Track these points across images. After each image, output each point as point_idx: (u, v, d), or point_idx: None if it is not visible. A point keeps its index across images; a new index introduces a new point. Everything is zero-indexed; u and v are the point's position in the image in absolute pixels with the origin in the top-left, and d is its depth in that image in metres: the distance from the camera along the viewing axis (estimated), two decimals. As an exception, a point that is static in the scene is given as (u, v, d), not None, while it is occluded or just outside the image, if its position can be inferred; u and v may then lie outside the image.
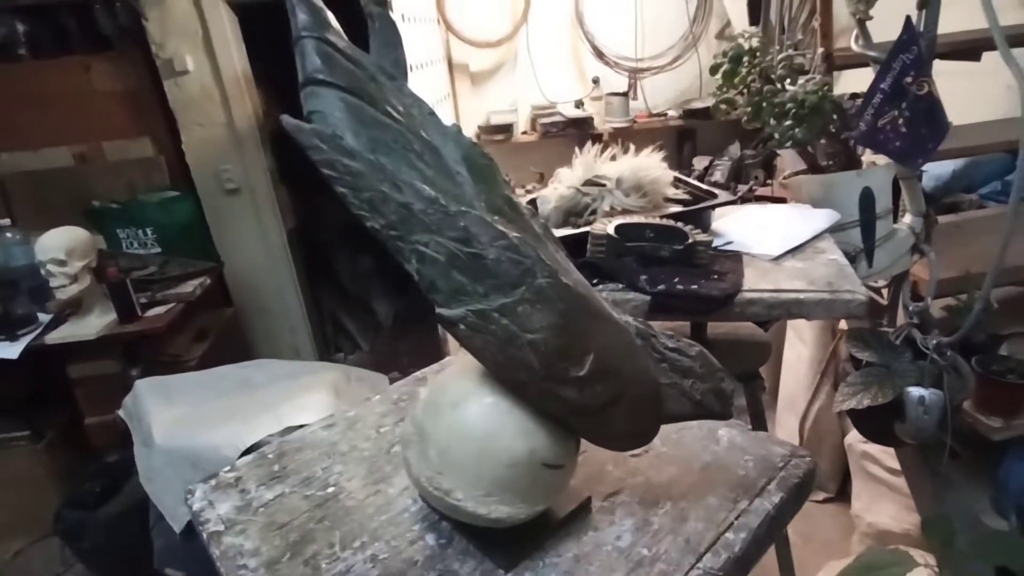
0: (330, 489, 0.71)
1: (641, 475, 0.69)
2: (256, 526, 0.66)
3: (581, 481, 0.65)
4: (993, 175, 2.15)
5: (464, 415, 0.54)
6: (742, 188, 3.08)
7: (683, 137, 3.31)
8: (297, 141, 0.47)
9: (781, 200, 2.75)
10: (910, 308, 1.32)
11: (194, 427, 2.03)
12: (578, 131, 2.96)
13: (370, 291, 3.96)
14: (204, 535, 0.66)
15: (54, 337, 2.20)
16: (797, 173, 1.40)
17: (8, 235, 2.32)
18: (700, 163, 3.23)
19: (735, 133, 3.09)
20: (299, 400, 2.07)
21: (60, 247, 2.15)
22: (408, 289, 4.24)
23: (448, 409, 0.55)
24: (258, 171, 2.92)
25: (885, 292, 1.54)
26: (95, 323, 2.25)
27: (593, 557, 0.58)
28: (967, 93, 1.70)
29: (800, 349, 2.30)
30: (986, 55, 1.65)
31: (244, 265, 3.01)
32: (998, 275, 1.15)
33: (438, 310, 0.48)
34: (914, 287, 1.45)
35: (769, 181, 3.02)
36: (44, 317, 2.30)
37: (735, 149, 3.18)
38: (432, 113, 0.55)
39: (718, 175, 3.12)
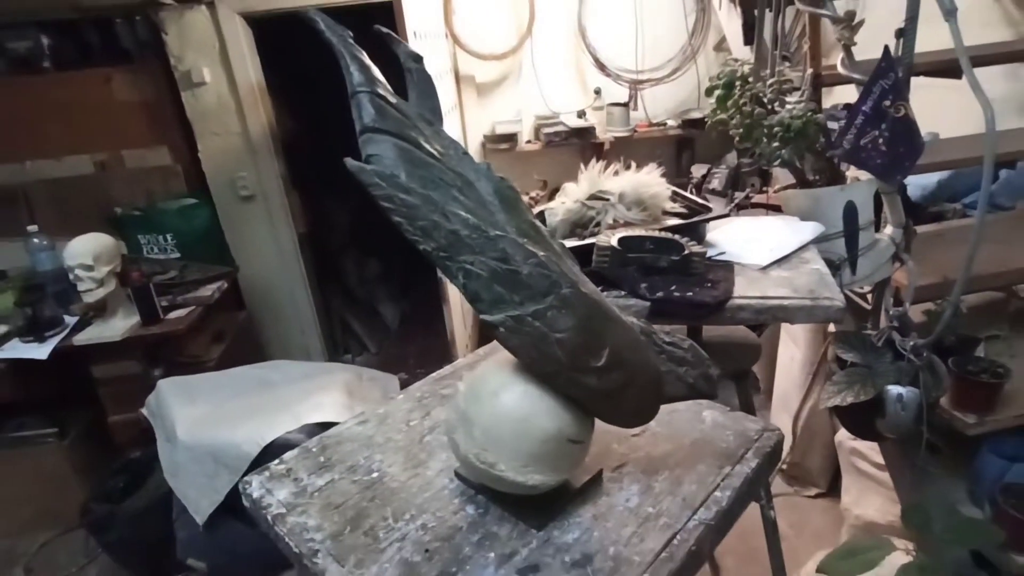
0: (374, 474, 0.81)
1: (642, 451, 0.82)
2: (315, 507, 0.76)
3: (593, 457, 0.76)
4: (977, 185, 2.25)
5: (503, 401, 0.65)
6: (739, 195, 3.19)
7: (682, 146, 3.42)
8: (359, 180, 0.57)
9: (776, 207, 2.86)
10: (891, 312, 1.43)
11: (216, 424, 2.13)
12: (580, 140, 3.07)
13: (377, 295, 4.06)
14: (268, 518, 0.75)
15: (81, 338, 2.30)
16: (787, 187, 1.51)
17: (35, 241, 2.43)
18: (698, 171, 3.34)
19: (732, 142, 3.18)
20: (315, 399, 2.18)
21: (88, 252, 2.26)
22: (413, 293, 4.35)
23: (489, 397, 0.66)
24: (271, 178, 3.03)
25: (869, 297, 1.64)
26: (119, 325, 2.36)
27: (608, 516, 0.70)
28: (956, 105, 1.80)
29: (793, 351, 2.40)
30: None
31: (257, 269, 3.12)
32: (968, 281, 1.25)
33: (482, 316, 0.59)
34: (895, 292, 1.55)
35: (765, 188, 3.13)
36: (69, 319, 2.40)
37: (732, 158, 3.28)
38: (466, 153, 0.66)
39: (716, 183, 3.23)
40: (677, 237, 1.18)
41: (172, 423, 2.13)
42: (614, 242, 1.15)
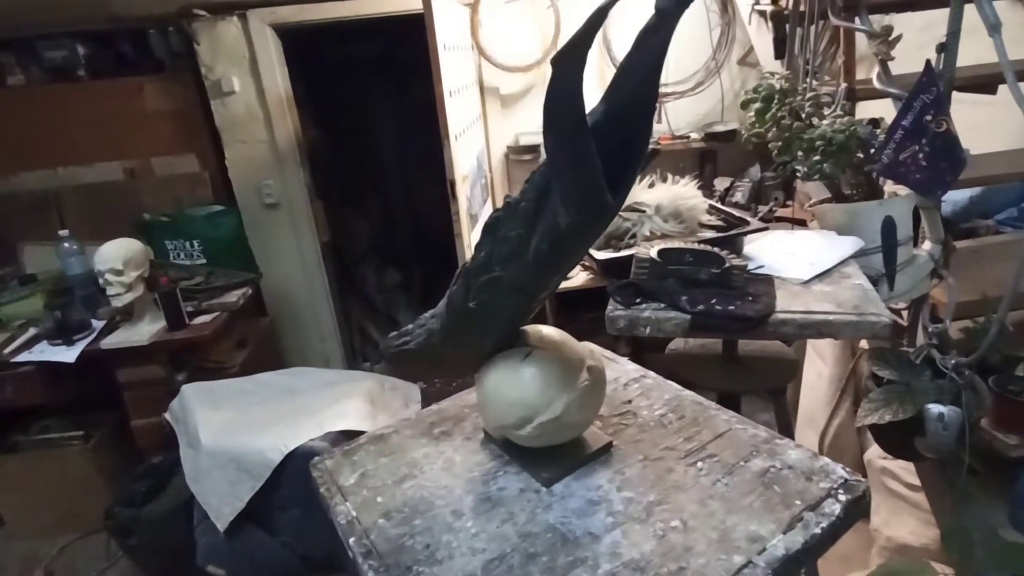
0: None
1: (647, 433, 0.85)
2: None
3: (610, 432, 0.82)
4: (1010, 201, 2.23)
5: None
6: (762, 209, 3.17)
7: (705, 159, 3.40)
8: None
9: (800, 221, 2.84)
10: (929, 329, 1.40)
11: (239, 431, 2.13)
12: (604, 153, 3.07)
13: (396, 304, 4.07)
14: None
15: (108, 342, 2.33)
16: (823, 201, 1.49)
17: (66, 245, 2.46)
18: (721, 184, 3.32)
19: (755, 155, 3.18)
20: (339, 406, 2.17)
21: (118, 257, 2.28)
22: (431, 303, 4.36)
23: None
24: (296, 187, 3.06)
25: (905, 314, 1.62)
26: (146, 330, 2.38)
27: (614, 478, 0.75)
28: (986, 121, 1.79)
29: (820, 367, 2.37)
30: (1004, 87, 1.74)
31: (280, 276, 3.14)
32: (1014, 299, 1.22)
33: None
34: (933, 309, 1.53)
35: (789, 202, 3.11)
36: (97, 323, 2.43)
37: (755, 171, 3.27)
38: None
39: (739, 196, 3.21)
40: (717, 250, 1.17)
41: (195, 428, 2.14)
42: (654, 254, 1.14)
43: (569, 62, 0.50)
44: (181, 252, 2.78)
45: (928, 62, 1.30)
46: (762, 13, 2.02)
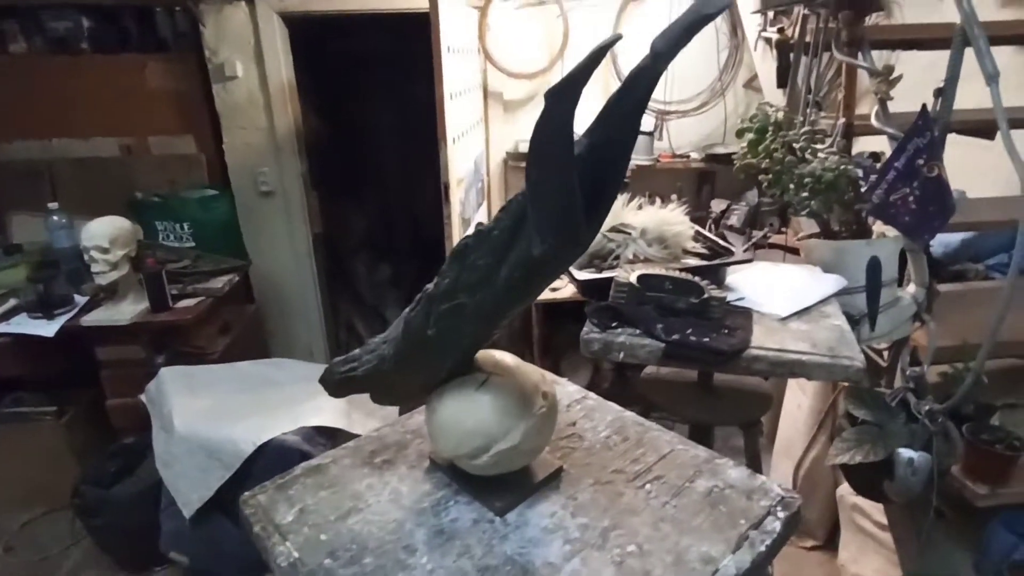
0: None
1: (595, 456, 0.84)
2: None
3: (558, 456, 0.79)
4: (1000, 247, 2.22)
5: (440, 413, 0.76)
6: (757, 234, 3.17)
7: (703, 179, 3.40)
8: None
9: (794, 250, 2.83)
10: (907, 372, 1.40)
11: (214, 418, 2.12)
12: (603, 165, 3.06)
13: (385, 300, 4.06)
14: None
15: (89, 319, 2.31)
16: (811, 236, 1.49)
17: (55, 218, 2.44)
18: (718, 206, 3.32)
19: (753, 180, 3.18)
20: (315, 401, 2.16)
21: (105, 235, 2.26)
22: (422, 300, 4.34)
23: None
24: (292, 176, 3.04)
25: (886, 354, 1.61)
26: (128, 309, 2.36)
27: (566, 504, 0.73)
28: (984, 166, 1.78)
29: (800, 398, 2.37)
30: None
31: (270, 265, 3.12)
32: (992, 348, 1.22)
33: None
34: (913, 352, 1.52)
35: (783, 229, 3.10)
36: (79, 299, 2.41)
37: (752, 196, 3.26)
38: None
39: (734, 219, 3.21)
40: (697, 279, 1.16)
41: (170, 412, 2.12)
42: (633, 279, 1.13)
43: (563, 97, 0.49)
44: (171, 234, 2.76)
45: (924, 106, 1.29)
46: (768, 40, 2.02)
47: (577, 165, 0.50)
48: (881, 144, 1.63)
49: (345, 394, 0.83)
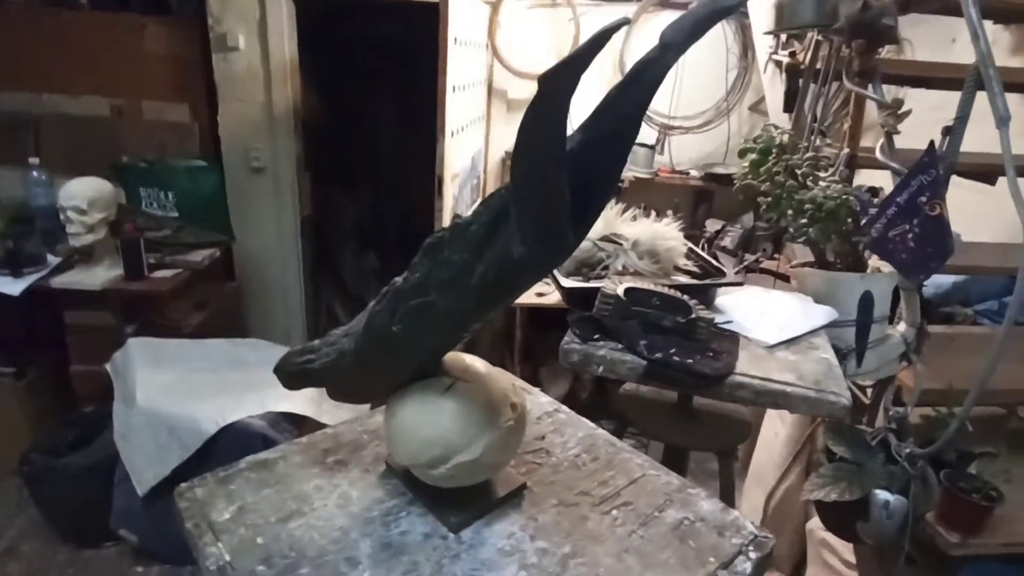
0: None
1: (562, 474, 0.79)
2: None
3: (523, 472, 0.75)
4: (991, 293, 2.21)
5: (399, 418, 0.71)
6: (749, 257, 3.14)
7: (700, 197, 3.38)
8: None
9: (784, 277, 2.81)
10: (890, 412, 1.37)
11: (178, 395, 2.05)
12: (601, 174, 3.03)
13: (369, 290, 3.99)
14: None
15: (59, 281, 2.23)
16: (804, 264, 1.45)
17: (34, 174, 2.36)
18: (713, 226, 3.30)
19: (750, 203, 3.15)
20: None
21: (84, 196, 2.20)
22: (407, 293, 4.28)
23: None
24: (286, 155, 2.98)
25: (869, 391, 1.58)
26: (101, 275, 2.29)
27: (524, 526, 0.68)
28: (981, 210, 1.77)
29: (778, 427, 2.34)
30: (1003, 179, 1.72)
31: (254, 243, 3.05)
32: (978, 397, 1.19)
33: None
34: (897, 392, 1.49)
35: (776, 255, 3.08)
36: (52, 260, 2.33)
37: (748, 218, 3.24)
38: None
39: (728, 241, 3.19)
40: (686, 298, 1.12)
41: (133, 384, 2.05)
42: (620, 292, 1.09)
43: (558, 83, 0.44)
44: (154, 202, 2.68)
45: (932, 143, 1.26)
46: (778, 63, 2.00)
47: (568, 162, 0.45)
48: (881, 179, 1.61)
49: (300, 387, 0.78)
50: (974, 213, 1.77)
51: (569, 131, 0.50)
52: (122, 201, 2.57)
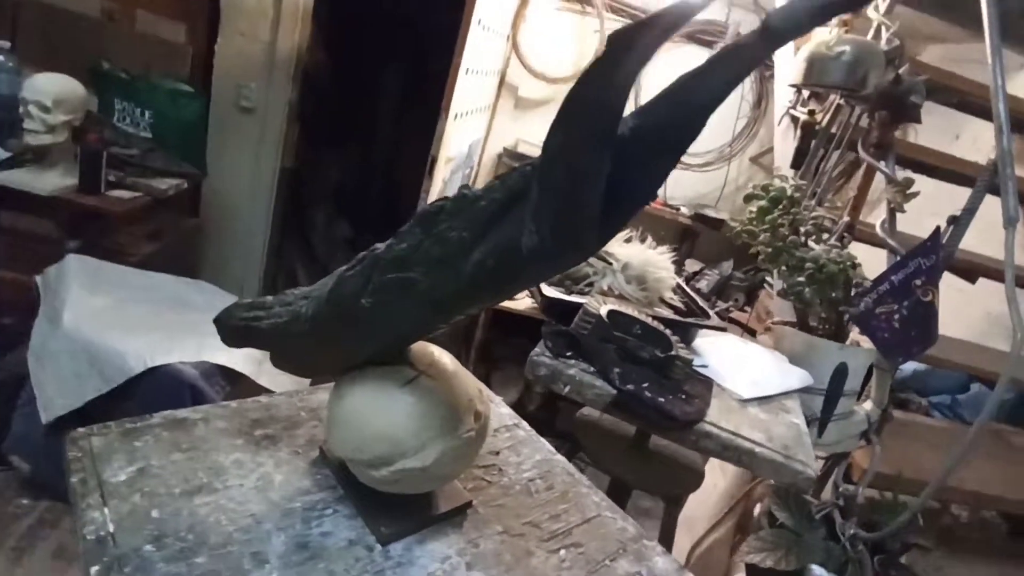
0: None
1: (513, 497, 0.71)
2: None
3: (470, 488, 0.68)
4: (947, 388, 2.24)
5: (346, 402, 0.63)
6: (721, 304, 3.15)
7: (685, 236, 3.37)
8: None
9: (751, 331, 2.81)
10: (840, 489, 1.35)
11: (109, 324, 1.91)
12: (595, 192, 2.98)
13: (336, 258, 3.86)
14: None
15: (4, 178, 2.05)
16: (786, 323, 1.42)
17: (1, 58, 2.17)
18: (692, 266, 3.29)
19: (732, 251, 3.16)
20: (226, 340, 1.98)
21: (51, 93, 2.03)
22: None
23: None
24: (279, 101, 2.84)
25: (821, 463, 1.56)
26: (52, 181, 2.12)
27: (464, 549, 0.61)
28: (953, 306, 1.78)
29: (718, 477, 2.32)
30: (983, 280, 1.74)
31: (227, 184, 2.90)
32: (934, 492, 1.17)
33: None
34: (849, 469, 1.47)
35: (747, 308, 3.09)
36: (2, 154, 2.15)
37: (727, 266, 3.25)
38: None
39: (703, 284, 3.18)
40: (668, 332, 1.07)
41: (62, 304, 1.90)
42: (603, 312, 1.03)
43: (634, 44, 0.36)
44: (128, 117, 2.51)
45: (938, 228, 1.25)
46: (794, 119, 1.98)
47: (614, 148, 0.38)
48: (865, 253, 1.60)
49: (240, 345, 0.68)
50: (945, 308, 1.79)
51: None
52: (93, 109, 2.39)
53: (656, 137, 0.40)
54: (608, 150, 0.37)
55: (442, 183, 2.30)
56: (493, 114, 3.02)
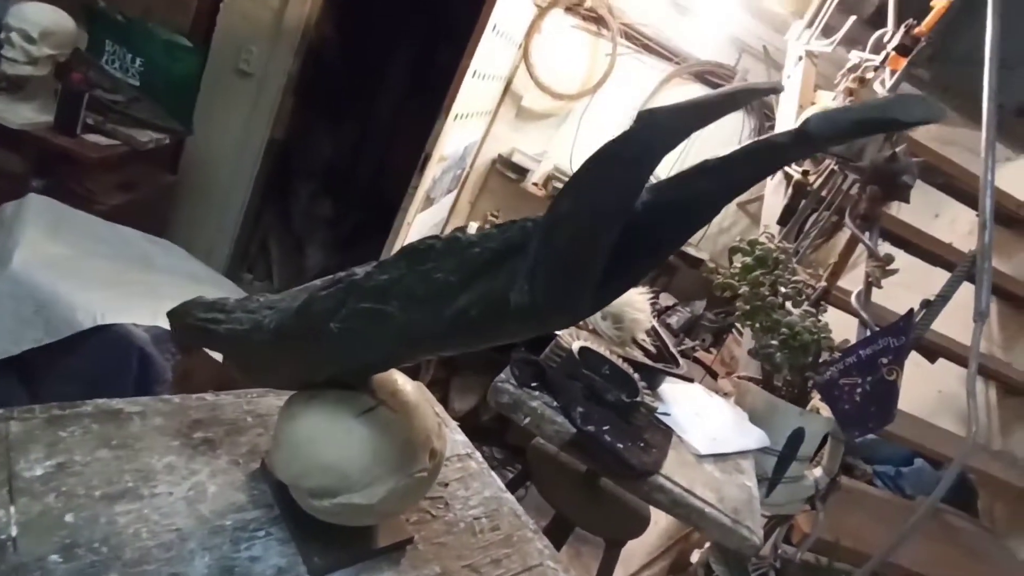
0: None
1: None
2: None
3: (413, 522, 0.65)
4: (892, 459, 2.29)
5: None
6: (688, 343, 3.17)
7: (664, 270, 3.39)
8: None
9: (714, 373, 2.84)
10: (779, 551, 1.35)
11: (63, 273, 1.82)
12: (582, 212, 2.98)
13: (313, 234, 3.79)
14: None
15: (-26, 104, 1.96)
16: (752, 379, 1.43)
17: (-13, -21, 2.07)
18: (664, 301, 3.31)
19: (706, 291, 3.19)
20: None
21: (38, 24, 1.94)
22: (349, 255, 4.09)
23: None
24: (278, 70, 2.77)
25: (764, 521, 1.57)
26: (26, 114, 2.03)
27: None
28: (909, 381, 1.82)
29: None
30: (942, 360, 1.78)
31: (211, 147, 2.82)
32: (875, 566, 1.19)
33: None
34: (790, 531, 1.49)
35: (712, 349, 3.12)
36: (-25, 77, 2.04)
37: (700, 305, 3.28)
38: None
39: (674, 320, 3.20)
40: (636, 377, 1.05)
41: (15, 244, 1.81)
42: (575, 348, 1.01)
43: (664, 129, 0.34)
44: (118, 61, 2.42)
45: (911, 311, 1.26)
46: (787, 176, 2.00)
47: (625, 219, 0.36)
48: (842, 318, 1.62)
49: (192, 344, 0.65)
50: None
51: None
52: (81, 47, 2.30)
53: (669, 214, 0.38)
54: (619, 226, 0.36)
55: (431, 180, 2.27)
56: (493, 119, 2.99)
